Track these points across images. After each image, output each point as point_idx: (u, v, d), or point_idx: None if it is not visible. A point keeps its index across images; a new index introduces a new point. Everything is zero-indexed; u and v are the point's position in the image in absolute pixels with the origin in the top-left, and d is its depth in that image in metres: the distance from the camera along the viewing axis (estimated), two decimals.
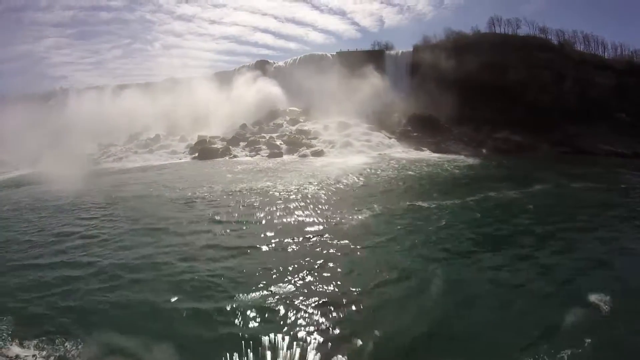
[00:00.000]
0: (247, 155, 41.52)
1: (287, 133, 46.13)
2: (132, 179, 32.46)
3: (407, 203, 19.61)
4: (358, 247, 13.80)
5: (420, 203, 19.76)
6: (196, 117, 55.25)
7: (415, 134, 49.29)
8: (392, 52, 59.24)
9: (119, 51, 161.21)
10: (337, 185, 24.35)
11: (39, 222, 19.30)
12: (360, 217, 17.33)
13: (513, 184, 24.91)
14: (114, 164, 45.02)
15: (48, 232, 17.40)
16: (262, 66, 62.25)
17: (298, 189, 23.13)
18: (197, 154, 42.80)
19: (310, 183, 24.86)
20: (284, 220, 17.10)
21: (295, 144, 42.08)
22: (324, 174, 28.33)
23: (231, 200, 21.09)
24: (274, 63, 62.81)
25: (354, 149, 40.28)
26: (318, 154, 39.12)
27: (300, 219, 17.15)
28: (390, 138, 44.58)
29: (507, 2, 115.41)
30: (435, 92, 52.81)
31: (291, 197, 21.22)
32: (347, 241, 14.29)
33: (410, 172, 29.34)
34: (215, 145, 43.71)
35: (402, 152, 40.91)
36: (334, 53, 60.68)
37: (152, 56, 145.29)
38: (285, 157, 39.34)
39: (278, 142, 42.68)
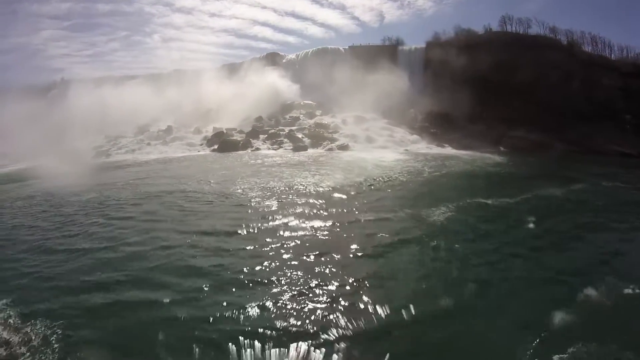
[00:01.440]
0: (269, 149, 40.56)
1: (306, 126, 45.25)
2: (153, 171, 31.12)
3: (470, 200, 19.32)
4: (462, 244, 13.46)
5: (482, 200, 19.51)
6: (207, 109, 53.98)
7: (433, 130, 49.23)
8: (405, 48, 58.89)
9: (117, 44, 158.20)
10: (389, 182, 23.76)
11: (75, 223, 16.96)
12: (439, 213, 16.92)
13: (552, 182, 24.72)
14: (126, 156, 43.43)
15: (96, 238, 14.61)
16: (272, 59, 61.14)
17: (352, 185, 22.28)
18: (216, 146, 41.59)
19: (358, 178, 24.17)
20: (369, 218, 16.14)
21: (317, 137, 41.33)
22: (362, 169, 27.79)
23: (288, 196, 19.87)
24: (285, 56, 61.67)
25: (379, 144, 39.85)
26: (344, 148, 38.47)
27: (384, 215, 16.46)
28: (411, 134, 44.12)
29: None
30: (448, 89, 52.82)
31: (352, 193, 20.46)
32: (446, 237, 13.99)
33: (449, 169, 29.09)
34: (234, 138, 42.42)
35: (426, 148, 40.69)
36: (347, 47, 59.92)
37: (151, 49, 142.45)
38: (311, 151, 38.57)
39: (299, 136, 41.74)
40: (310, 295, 9.61)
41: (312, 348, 7.57)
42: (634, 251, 13.56)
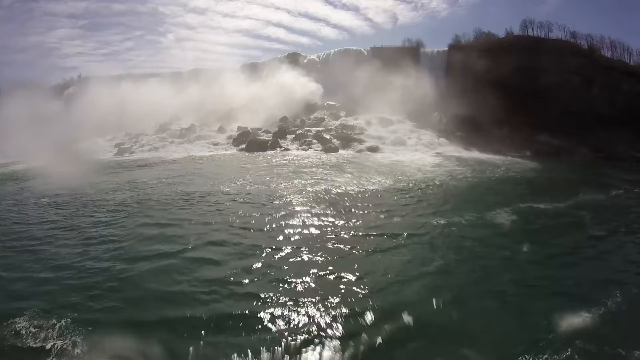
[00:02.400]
0: (298, 149, 40.12)
1: (332, 127, 44.85)
2: (185, 170, 30.27)
3: (522, 204, 19.13)
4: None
5: (534, 204, 19.36)
6: (228, 108, 53.54)
7: (458, 133, 48.87)
8: (427, 50, 58.56)
9: (131, 43, 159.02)
10: (440, 186, 23.38)
11: (118, 223, 15.82)
12: (502, 216, 16.82)
13: (591, 188, 24.42)
14: (150, 154, 42.97)
15: (152, 241, 13.42)
16: (294, 59, 60.71)
17: (403, 189, 21.88)
18: (244, 146, 41.14)
19: (405, 182, 23.87)
20: (440, 222, 15.81)
21: (346, 138, 40.96)
22: (404, 173, 27.38)
23: (343, 200, 19.24)
24: (306, 56, 61.29)
25: (409, 147, 39.44)
26: (373, 149, 38.11)
27: (453, 219, 16.17)
28: (438, 137, 43.74)
29: (521, 2, 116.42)
30: (471, 92, 52.58)
31: (408, 196, 20.19)
32: (518, 240, 13.97)
33: (489, 174, 28.87)
34: (261, 138, 41.99)
35: (455, 152, 40.36)
36: (368, 48, 59.61)
37: (165, 48, 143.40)
38: (342, 152, 38.17)
39: (327, 137, 41.29)
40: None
41: None
42: None
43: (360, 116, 48.08)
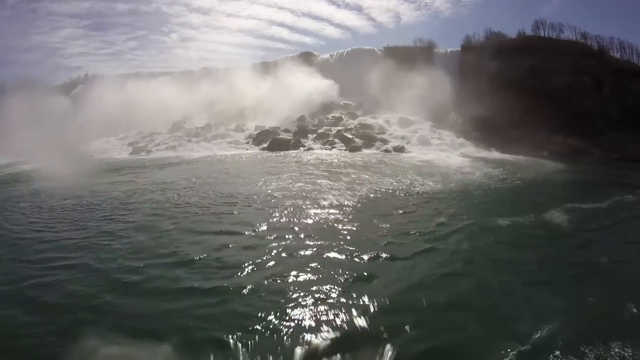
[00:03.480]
0: (321, 148, 39.71)
1: (352, 127, 44.48)
2: (213, 170, 28.94)
3: (570, 204, 18.96)
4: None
5: (579, 205, 19.37)
6: (242, 107, 52.97)
7: (475, 134, 48.81)
8: (441, 51, 58.52)
9: (135, 43, 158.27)
10: (483, 187, 22.91)
11: (164, 230, 14.10)
12: (558, 217, 16.89)
13: (624, 189, 24.39)
14: (168, 153, 42.23)
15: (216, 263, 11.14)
16: (307, 58, 60.24)
17: (451, 191, 21.52)
18: (265, 145, 40.53)
19: (447, 183, 23.62)
20: (504, 223, 15.61)
21: (368, 137, 40.65)
22: (441, 173, 27.11)
23: (402, 202, 18.59)
24: (319, 55, 60.89)
25: (433, 147, 39.22)
26: (399, 149, 37.84)
27: (517, 220, 16.14)
28: (458, 137, 43.63)
29: (526, 1, 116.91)
30: (485, 93, 52.60)
31: (460, 198, 20.04)
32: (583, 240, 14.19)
33: (522, 175, 28.59)
34: (283, 137, 41.47)
35: (477, 152, 40.29)
36: (382, 48, 59.41)
37: (168, 48, 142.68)
38: (367, 152, 37.88)
39: (349, 136, 40.89)
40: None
41: None
42: None
43: (378, 115, 47.80)
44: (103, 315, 8.43)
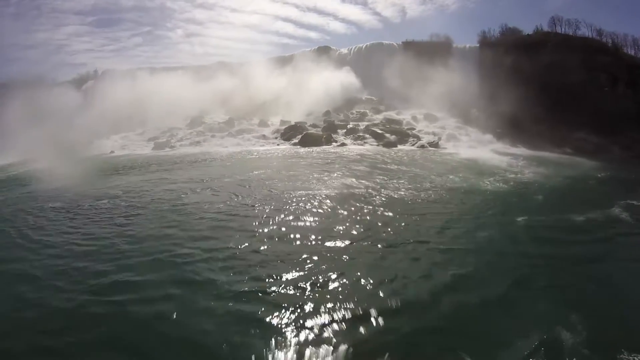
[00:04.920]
0: (353, 144, 39.14)
1: (378, 122, 44.03)
2: (253, 166, 27.36)
3: (629, 202, 19.01)
4: None
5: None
6: (261, 102, 52.13)
7: (498, 130, 48.83)
8: (460, 46, 58.25)
9: (140, 39, 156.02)
10: (537, 184, 22.99)
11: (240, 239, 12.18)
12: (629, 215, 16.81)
13: None
14: (194, 149, 41.42)
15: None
16: (325, 52, 59.38)
17: (513, 188, 21.41)
18: (296, 140, 39.90)
19: (503, 181, 23.50)
20: (578, 218, 15.94)
21: (398, 133, 40.30)
22: (490, 171, 26.76)
23: (477, 200, 18.38)
24: (337, 50, 60.13)
25: (464, 143, 39.10)
26: (435, 145, 37.66)
27: (600, 217, 16.33)
28: (483, 133, 43.55)
29: None
30: (504, 89, 52.65)
31: (530, 195, 20.02)
32: None
33: (563, 172, 28.66)
34: (313, 132, 40.84)
35: (505, 148, 40.30)
36: (400, 42, 58.92)
37: (173, 44, 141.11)
38: (402, 147, 37.51)
39: (379, 131, 40.45)
40: None
41: None
42: None
43: (403, 111, 47.50)
44: None
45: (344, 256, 10.91)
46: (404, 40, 59.01)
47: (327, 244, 11.77)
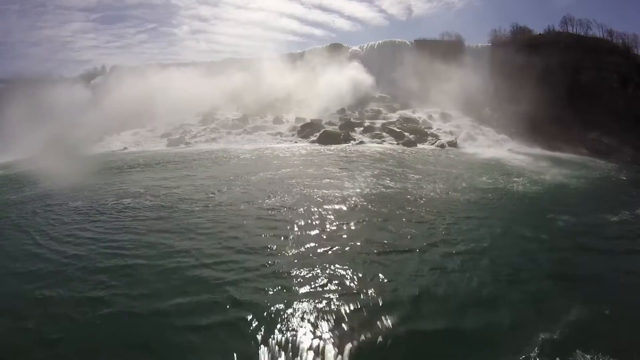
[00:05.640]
0: (371, 142, 38.91)
1: (393, 120, 43.81)
2: (276, 165, 27.07)
3: None
4: None
5: None
6: (274, 99, 51.74)
7: (512, 129, 48.75)
8: (472, 45, 58.02)
9: (145, 35, 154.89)
10: (566, 187, 22.96)
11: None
12: None
13: None
14: (209, 145, 41.10)
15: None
16: (337, 49, 58.99)
17: (547, 190, 21.47)
18: (314, 138, 39.62)
19: (534, 183, 23.44)
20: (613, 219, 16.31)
21: (415, 132, 40.10)
22: (518, 172, 26.70)
23: (516, 203, 18.44)
24: (349, 47, 59.69)
25: (482, 143, 39.01)
26: (453, 145, 37.56)
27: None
28: (498, 133, 43.44)
29: None
30: (517, 88, 52.52)
31: (567, 196, 20.35)
32: None
33: (586, 173, 28.90)
34: (331, 130, 40.55)
35: (522, 149, 40.32)
36: (412, 40, 58.57)
37: (178, 40, 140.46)
38: (422, 147, 37.40)
39: (397, 129, 40.24)
40: None
41: None
42: None
43: (418, 109, 47.26)
44: None
45: (398, 260, 11.26)
46: (416, 39, 58.65)
47: (374, 249, 12.03)
